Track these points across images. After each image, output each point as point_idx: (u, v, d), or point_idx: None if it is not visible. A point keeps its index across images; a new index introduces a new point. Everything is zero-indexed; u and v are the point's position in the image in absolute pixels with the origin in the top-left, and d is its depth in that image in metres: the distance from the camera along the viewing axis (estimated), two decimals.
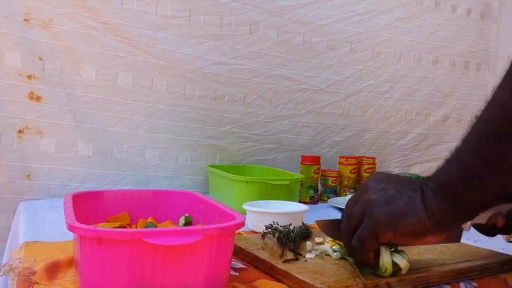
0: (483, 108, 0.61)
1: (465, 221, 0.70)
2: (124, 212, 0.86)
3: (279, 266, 0.74)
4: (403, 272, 0.70)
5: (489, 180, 0.59)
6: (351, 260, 0.76)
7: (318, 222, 0.82)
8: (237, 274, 0.75)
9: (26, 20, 1.26)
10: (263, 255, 0.80)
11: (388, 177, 0.70)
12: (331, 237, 0.82)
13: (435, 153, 1.96)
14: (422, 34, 1.86)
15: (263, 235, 0.92)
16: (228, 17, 1.50)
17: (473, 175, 0.60)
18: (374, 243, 0.67)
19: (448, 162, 0.63)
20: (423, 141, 1.94)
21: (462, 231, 0.81)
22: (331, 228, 0.80)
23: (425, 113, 1.92)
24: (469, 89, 1.99)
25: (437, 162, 0.66)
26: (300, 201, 1.34)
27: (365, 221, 0.67)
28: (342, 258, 0.78)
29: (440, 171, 0.64)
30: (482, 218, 0.77)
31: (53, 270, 0.72)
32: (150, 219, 0.85)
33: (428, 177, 0.65)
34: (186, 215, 0.84)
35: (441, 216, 0.63)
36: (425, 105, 1.91)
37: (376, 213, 0.66)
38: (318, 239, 0.90)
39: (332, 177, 1.51)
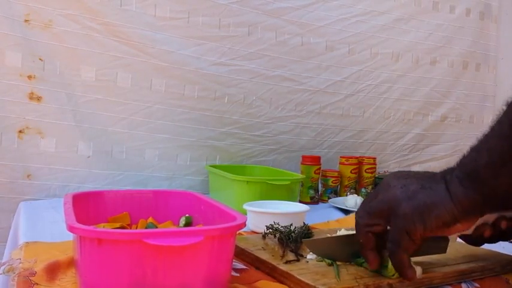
0: None
1: (492, 210, 0.67)
2: (124, 213, 0.86)
3: (280, 267, 0.74)
4: (418, 275, 0.69)
5: None
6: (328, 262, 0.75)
7: (305, 242, 0.81)
8: (238, 275, 0.75)
9: (26, 20, 1.26)
10: (264, 256, 0.79)
11: (408, 174, 0.69)
12: (321, 256, 0.78)
13: (433, 153, 1.96)
14: (421, 35, 1.87)
15: (264, 235, 0.91)
16: (226, 18, 1.50)
17: (503, 162, 0.59)
18: (409, 242, 0.65)
19: (475, 149, 0.62)
20: (421, 141, 1.94)
21: (448, 242, 0.80)
22: (321, 246, 0.78)
23: (423, 113, 1.92)
24: (468, 89, 2.00)
25: (436, 162, 0.66)
26: (301, 202, 1.34)
27: (393, 220, 0.66)
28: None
29: (466, 159, 0.63)
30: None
31: (53, 271, 0.72)
32: (150, 220, 0.85)
33: (451, 167, 0.64)
34: (187, 215, 0.84)
35: (468, 203, 0.61)
36: (423, 105, 1.92)
37: (402, 211, 0.64)
38: None
39: (333, 177, 1.51)
